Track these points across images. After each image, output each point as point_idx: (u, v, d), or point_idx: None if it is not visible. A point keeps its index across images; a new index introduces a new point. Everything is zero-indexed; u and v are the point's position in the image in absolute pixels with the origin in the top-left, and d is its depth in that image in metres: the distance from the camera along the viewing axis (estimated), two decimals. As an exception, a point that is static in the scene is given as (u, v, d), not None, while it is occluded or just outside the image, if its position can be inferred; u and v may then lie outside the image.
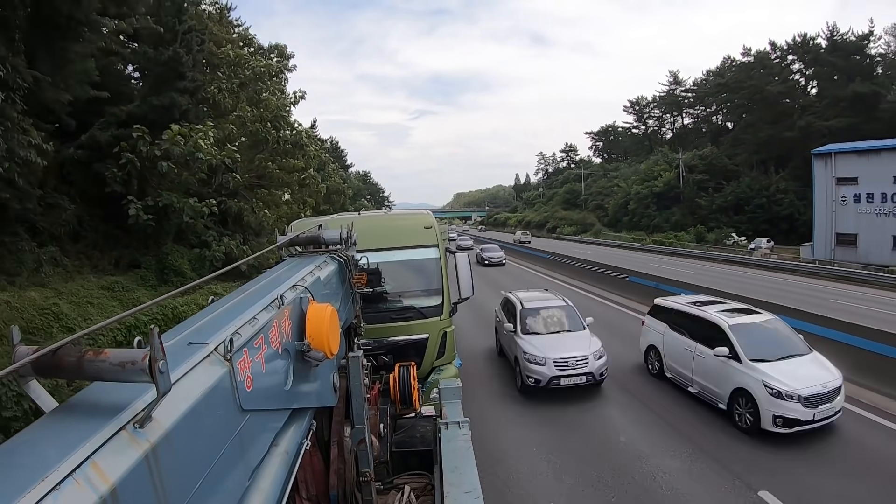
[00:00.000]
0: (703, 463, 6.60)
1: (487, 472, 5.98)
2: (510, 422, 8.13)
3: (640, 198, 59.59)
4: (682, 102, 72.56)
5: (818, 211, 36.43)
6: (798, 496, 5.80)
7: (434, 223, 6.84)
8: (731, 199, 48.83)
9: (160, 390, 1.15)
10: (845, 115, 45.46)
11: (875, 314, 15.14)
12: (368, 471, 3.23)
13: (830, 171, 35.49)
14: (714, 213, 49.54)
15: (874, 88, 44.57)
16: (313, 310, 2.43)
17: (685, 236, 48.40)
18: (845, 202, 34.72)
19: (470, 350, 11.79)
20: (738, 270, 29.66)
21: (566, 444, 7.27)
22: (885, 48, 48.67)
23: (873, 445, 6.99)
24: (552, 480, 6.37)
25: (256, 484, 1.78)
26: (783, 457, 6.68)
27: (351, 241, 3.80)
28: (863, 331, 9.68)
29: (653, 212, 57.13)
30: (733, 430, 7.42)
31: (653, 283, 18.29)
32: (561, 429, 7.79)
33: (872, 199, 33.11)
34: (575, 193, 79.79)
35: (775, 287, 21.24)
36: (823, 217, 35.94)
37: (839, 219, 34.94)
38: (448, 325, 6.51)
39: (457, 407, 4.21)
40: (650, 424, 7.84)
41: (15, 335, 1.21)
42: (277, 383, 2.07)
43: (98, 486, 0.97)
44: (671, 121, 77.00)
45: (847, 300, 18.74)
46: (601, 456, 6.90)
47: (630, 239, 52.57)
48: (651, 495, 5.96)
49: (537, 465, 6.72)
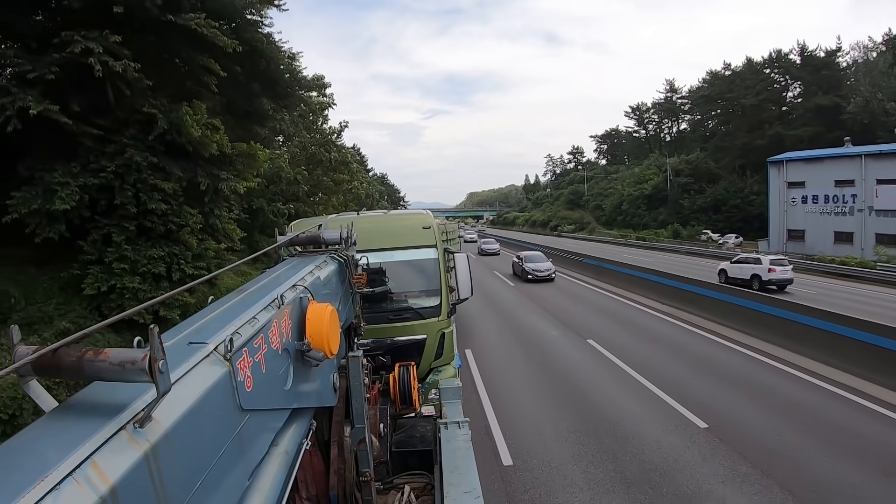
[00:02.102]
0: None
1: (495, 297, 20.49)
2: (516, 287, 23.04)
3: (632, 199, 66.00)
4: (679, 109, 77.17)
5: (773, 210, 42.22)
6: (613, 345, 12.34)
7: (433, 223, 6.80)
8: (711, 200, 54.84)
9: (160, 390, 1.15)
10: (811, 124, 50.16)
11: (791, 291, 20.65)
12: (368, 471, 3.23)
13: (783, 176, 41.35)
14: (695, 213, 55.43)
15: (836, 101, 49.32)
16: (313, 309, 2.43)
17: (664, 233, 54.34)
18: (795, 203, 40.41)
19: (502, 270, 28.52)
20: (694, 259, 35.47)
21: (533, 291, 22.00)
22: (852, 62, 54.51)
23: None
24: (519, 298, 19.96)
25: (256, 484, 1.78)
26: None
27: (351, 241, 3.80)
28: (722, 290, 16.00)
29: (643, 212, 63.19)
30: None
31: (595, 262, 26.20)
32: (534, 288, 22.67)
33: (817, 201, 38.70)
34: (578, 194, 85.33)
35: (706, 268, 26.43)
36: (777, 215, 41.66)
37: (790, 217, 40.59)
38: (447, 325, 6.47)
39: (457, 407, 4.20)
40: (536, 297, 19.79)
41: (14, 335, 1.21)
42: (277, 383, 2.07)
43: (98, 485, 0.97)
44: (669, 126, 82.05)
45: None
46: (532, 294, 21.07)
47: (618, 236, 58.38)
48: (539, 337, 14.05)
49: (518, 300, 19.77)
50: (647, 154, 78.23)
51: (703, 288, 16.16)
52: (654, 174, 65.28)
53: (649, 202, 63.05)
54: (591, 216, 74.68)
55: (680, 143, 74.23)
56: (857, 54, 54.49)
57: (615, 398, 9.01)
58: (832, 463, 6.52)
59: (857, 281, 25.00)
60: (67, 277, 11.71)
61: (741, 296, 14.40)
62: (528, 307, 18.00)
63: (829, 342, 10.51)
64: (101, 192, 11.54)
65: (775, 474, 6.26)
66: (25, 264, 11.95)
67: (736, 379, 9.82)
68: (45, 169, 10.87)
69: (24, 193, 10.60)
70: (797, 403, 8.60)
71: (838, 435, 7.30)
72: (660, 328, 14.30)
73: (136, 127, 12.06)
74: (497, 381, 10.10)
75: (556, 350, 12.35)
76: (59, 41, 10.36)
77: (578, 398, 9.06)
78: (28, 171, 10.95)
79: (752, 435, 7.28)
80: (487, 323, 15.59)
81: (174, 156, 12.58)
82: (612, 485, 6.18)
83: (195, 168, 13.02)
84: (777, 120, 55.19)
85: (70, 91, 10.79)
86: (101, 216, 11.80)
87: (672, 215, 57.66)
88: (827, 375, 9.77)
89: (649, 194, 63.26)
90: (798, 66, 54.91)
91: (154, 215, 12.10)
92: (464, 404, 4.50)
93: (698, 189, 57.32)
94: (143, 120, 12.04)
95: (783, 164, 41.87)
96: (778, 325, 12.12)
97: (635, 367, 10.50)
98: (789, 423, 7.68)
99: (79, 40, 10.15)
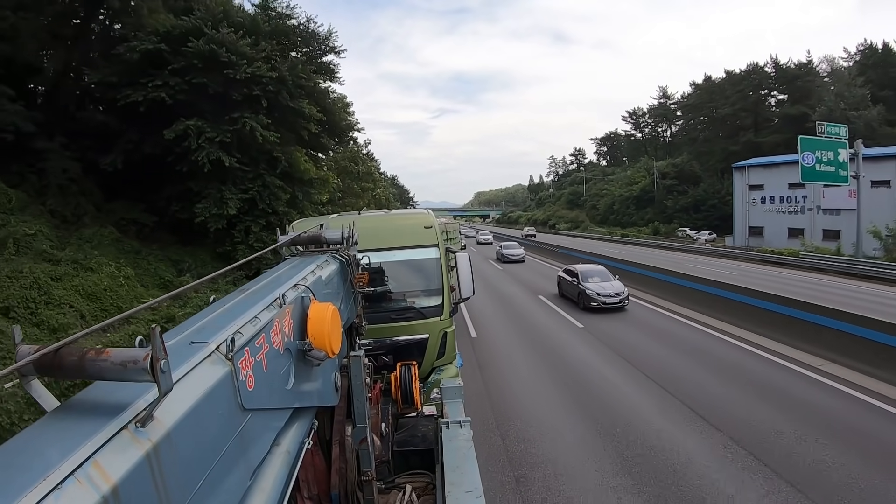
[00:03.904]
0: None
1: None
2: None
3: (623, 200, 72.63)
4: (671, 114, 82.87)
5: (737, 209, 48.92)
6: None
7: (434, 223, 6.79)
8: (691, 200, 60.95)
9: (162, 390, 1.15)
10: (781, 132, 54.64)
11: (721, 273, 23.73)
12: (370, 470, 3.23)
13: (745, 180, 47.97)
14: (678, 212, 61.31)
15: (803, 110, 54.66)
16: (315, 309, 2.43)
17: (645, 230, 60.06)
18: (755, 203, 46.72)
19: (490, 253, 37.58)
20: (664, 252, 40.06)
21: (511, 268, 30.55)
22: (823, 74, 59.76)
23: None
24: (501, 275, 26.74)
25: (258, 483, 1.78)
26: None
27: (352, 241, 3.79)
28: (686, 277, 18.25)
29: (632, 211, 69.67)
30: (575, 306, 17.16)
31: (573, 252, 31.28)
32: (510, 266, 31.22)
33: (774, 201, 45.11)
34: (578, 194, 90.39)
35: (674, 260, 31.78)
36: (741, 214, 48.05)
37: (751, 215, 46.99)
38: (448, 325, 6.47)
39: (458, 406, 4.20)
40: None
41: (16, 335, 1.21)
42: (279, 383, 2.07)
43: (100, 485, 0.97)
44: (663, 129, 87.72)
45: (703, 265, 29.06)
46: (510, 270, 29.58)
47: (606, 233, 64.74)
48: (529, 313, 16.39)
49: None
50: (644, 155, 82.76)
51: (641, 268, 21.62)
52: (642, 177, 71.48)
53: (638, 202, 69.24)
54: (586, 215, 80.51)
55: (672, 146, 79.84)
56: (824, 67, 60.50)
57: (542, 318, 15.72)
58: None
59: (785, 267, 29.87)
60: (222, 252, 18.71)
61: (663, 272, 19.50)
62: (508, 280, 25.05)
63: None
64: (246, 202, 18.62)
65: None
66: (192, 244, 19.14)
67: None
68: (211, 188, 17.57)
69: (204, 204, 17.39)
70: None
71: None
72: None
73: (266, 163, 19.35)
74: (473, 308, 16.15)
75: (516, 301, 18.93)
76: (229, 118, 17.14)
77: (519, 318, 15.86)
78: (199, 188, 17.54)
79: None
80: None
81: (286, 179, 20.14)
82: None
83: (294, 186, 20.70)
84: (751, 127, 61.01)
85: (231, 144, 17.28)
86: (245, 215, 18.84)
87: (657, 214, 63.16)
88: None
89: (637, 195, 69.53)
90: (772, 77, 61.25)
91: (276, 214, 18.95)
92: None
93: (681, 190, 63.15)
94: (270, 159, 19.34)
95: (745, 170, 48.06)
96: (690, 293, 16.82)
97: (562, 308, 16.76)
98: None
99: (246, 119, 17.21)
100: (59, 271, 12.36)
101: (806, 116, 52.12)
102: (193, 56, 15.81)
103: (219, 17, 17.17)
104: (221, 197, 17.26)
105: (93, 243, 14.71)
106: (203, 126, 16.06)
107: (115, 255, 14.78)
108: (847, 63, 58.31)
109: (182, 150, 16.11)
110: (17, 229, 12.71)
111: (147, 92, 15.48)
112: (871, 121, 47.09)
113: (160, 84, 15.64)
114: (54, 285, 11.80)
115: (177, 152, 16.21)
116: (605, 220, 74.25)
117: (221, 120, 16.60)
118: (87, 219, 15.88)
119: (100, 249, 14.51)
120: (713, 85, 68.29)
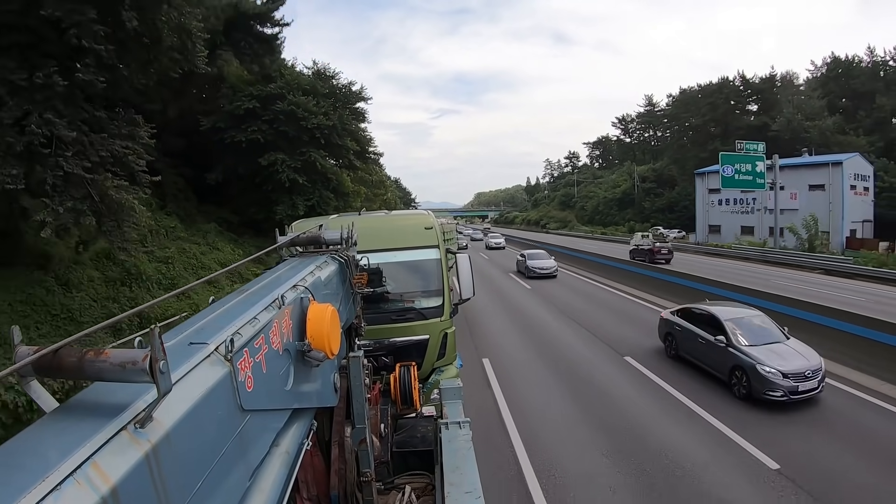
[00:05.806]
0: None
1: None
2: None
3: (607, 201, 78.93)
4: (658, 120, 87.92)
5: (699, 210, 55.91)
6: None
7: (435, 223, 6.78)
8: (666, 202, 67.18)
9: (161, 390, 1.15)
10: (745, 140, 59.44)
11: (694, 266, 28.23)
12: (369, 471, 3.22)
13: (706, 184, 54.43)
14: (655, 213, 66.90)
15: (763, 120, 60.15)
16: (314, 310, 2.43)
17: (621, 228, 65.02)
18: (714, 205, 53.44)
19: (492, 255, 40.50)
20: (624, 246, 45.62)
21: (493, 254, 40.06)
22: (785, 84, 65.00)
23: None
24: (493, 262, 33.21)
25: (257, 484, 1.78)
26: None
27: (352, 242, 3.79)
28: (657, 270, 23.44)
29: (615, 212, 75.53)
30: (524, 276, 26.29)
31: (548, 247, 34.94)
32: (493, 254, 41.27)
33: (729, 203, 51.26)
34: (570, 196, 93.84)
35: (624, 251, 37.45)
36: (702, 214, 55.31)
37: (711, 215, 53.99)
38: (449, 325, 6.46)
39: (458, 407, 4.19)
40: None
41: (16, 335, 1.21)
42: (278, 383, 2.07)
43: (99, 486, 0.97)
44: (650, 135, 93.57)
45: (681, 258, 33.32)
46: (493, 256, 39.80)
47: (589, 231, 70.25)
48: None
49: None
50: (632, 159, 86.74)
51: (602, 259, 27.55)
52: (624, 180, 77.80)
53: (620, 204, 75.61)
54: (574, 216, 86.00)
55: (657, 151, 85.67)
56: (786, 81, 65.89)
57: (505, 283, 23.03)
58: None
59: (722, 257, 35.56)
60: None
61: (586, 253, 28.10)
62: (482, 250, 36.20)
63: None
64: (309, 207, 23.20)
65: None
66: (262, 236, 22.95)
67: (577, 290, 21.02)
68: (285, 198, 23.32)
69: (282, 207, 22.90)
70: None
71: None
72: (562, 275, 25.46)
73: (322, 181, 24.90)
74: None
75: (496, 278, 24.73)
76: (299, 151, 23.45)
77: (500, 294, 20.83)
78: (276, 197, 23.37)
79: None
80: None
81: (334, 192, 25.86)
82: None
83: (339, 197, 26.01)
84: (719, 136, 65.20)
85: (301, 168, 23.82)
86: (307, 216, 21.25)
87: (637, 215, 69.15)
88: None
89: (619, 197, 76.00)
90: (740, 90, 66.35)
91: (327, 216, 20.14)
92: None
93: (658, 193, 69.57)
94: (324, 178, 24.97)
95: (706, 175, 54.06)
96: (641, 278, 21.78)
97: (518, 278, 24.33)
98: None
99: (311, 153, 24.09)
100: (202, 250, 18.83)
101: (767, 126, 57.40)
102: (280, 113, 23.14)
103: (293, 84, 24.71)
104: (293, 203, 23.76)
105: (207, 233, 20.74)
106: (285, 157, 23.25)
107: (224, 242, 21.11)
108: (813, 75, 64.32)
109: (269, 172, 23.15)
110: (164, 223, 18.26)
111: (248, 134, 22.80)
112: (825, 130, 52.85)
113: (255, 129, 22.89)
114: (202, 259, 18.06)
115: (264, 174, 23.23)
116: (592, 220, 79.38)
117: (295, 153, 23.71)
118: (195, 217, 21.92)
119: (212, 237, 20.71)
120: (688, 96, 74.49)
